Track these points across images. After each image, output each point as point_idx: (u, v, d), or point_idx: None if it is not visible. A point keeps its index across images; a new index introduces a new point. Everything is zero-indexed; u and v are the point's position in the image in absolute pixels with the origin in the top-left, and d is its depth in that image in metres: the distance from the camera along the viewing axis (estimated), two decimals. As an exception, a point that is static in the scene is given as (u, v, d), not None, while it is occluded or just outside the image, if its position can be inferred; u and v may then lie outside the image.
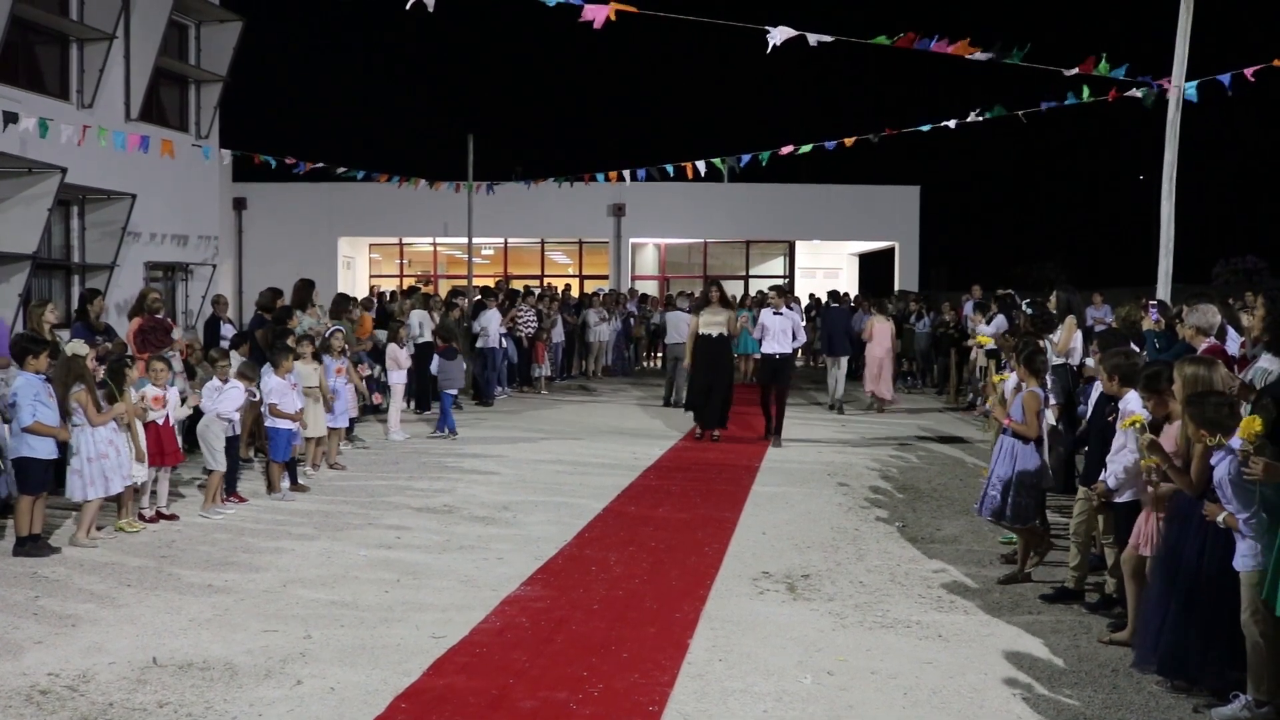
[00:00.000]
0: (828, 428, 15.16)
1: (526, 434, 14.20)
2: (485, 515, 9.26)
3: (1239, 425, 4.98)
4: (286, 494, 9.94)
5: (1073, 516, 7.03)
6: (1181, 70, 11.62)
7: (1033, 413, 7.26)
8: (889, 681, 5.51)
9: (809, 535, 8.66)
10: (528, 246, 32.73)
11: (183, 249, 21.46)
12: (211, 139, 21.82)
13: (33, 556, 7.66)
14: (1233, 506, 4.98)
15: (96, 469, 8.08)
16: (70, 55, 18.53)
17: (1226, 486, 4.99)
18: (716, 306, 14.00)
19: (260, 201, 30.37)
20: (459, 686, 5.36)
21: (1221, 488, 5.03)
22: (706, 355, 13.90)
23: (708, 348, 13.90)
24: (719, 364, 13.97)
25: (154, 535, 8.48)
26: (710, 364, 13.86)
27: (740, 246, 32.39)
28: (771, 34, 9.55)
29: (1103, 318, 18.32)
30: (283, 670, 5.56)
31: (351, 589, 7.03)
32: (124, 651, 5.81)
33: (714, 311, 13.95)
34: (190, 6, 20.84)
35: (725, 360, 14.17)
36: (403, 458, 12.20)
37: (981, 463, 11.31)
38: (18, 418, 7.82)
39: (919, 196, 31.11)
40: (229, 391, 9.40)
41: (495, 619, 6.44)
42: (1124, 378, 6.36)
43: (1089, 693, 5.37)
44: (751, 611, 6.66)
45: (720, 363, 13.99)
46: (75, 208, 18.92)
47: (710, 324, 13.87)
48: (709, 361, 13.86)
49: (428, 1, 7.52)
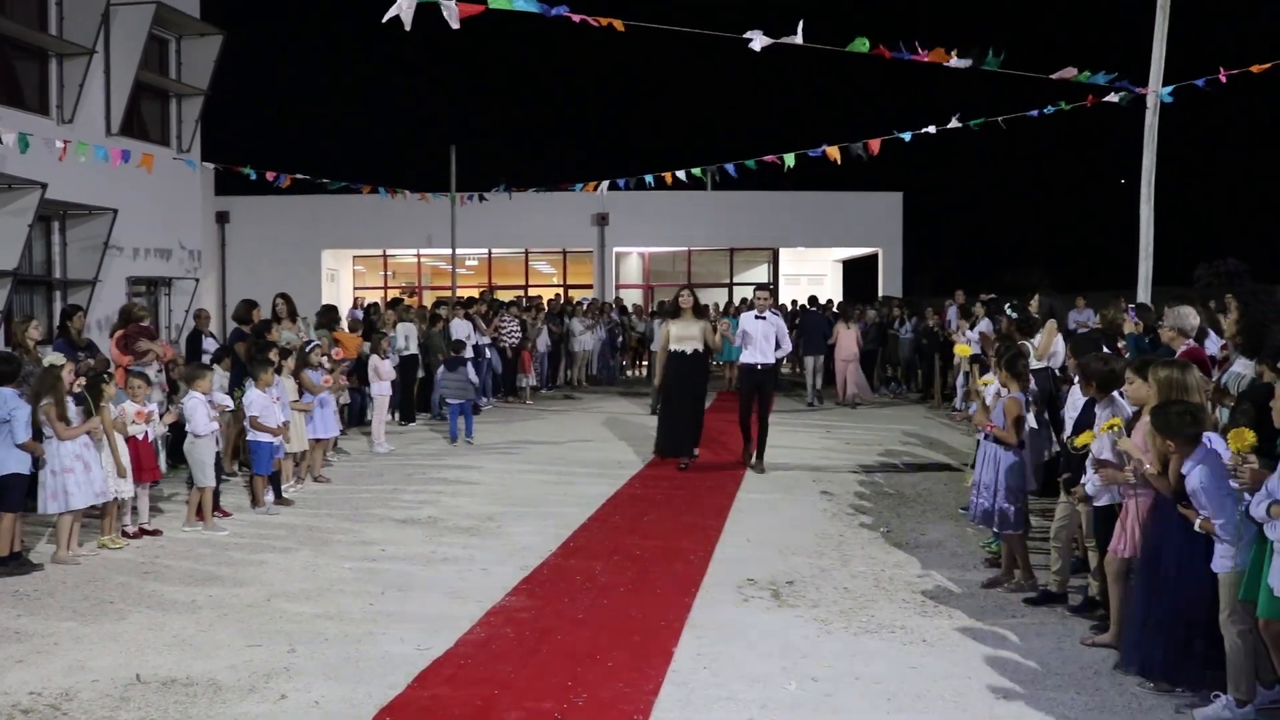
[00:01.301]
0: (812, 434, 15.17)
1: (512, 444, 14.18)
2: (470, 526, 9.25)
3: (1203, 432, 5.05)
4: (270, 507, 9.91)
5: (1054, 520, 7.06)
6: (1159, 75, 11.69)
7: (1013, 418, 7.29)
8: (873, 687, 5.52)
9: (794, 541, 8.67)
10: (512, 257, 32.75)
11: (165, 263, 21.39)
12: (193, 153, 21.78)
13: (15, 575, 7.62)
14: (1207, 512, 5.03)
15: (60, 483, 8.02)
16: (50, 70, 18.48)
17: (1200, 495, 5.05)
18: (689, 316, 12.02)
19: (243, 215, 30.33)
20: (444, 698, 5.35)
21: (1195, 496, 5.07)
22: (678, 377, 11.92)
23: (680, 367, 11.90)
24: (693, 387, 12.03)
25: (137, 551, 8.45)
26: (683, 387, 11.93)
27: (724, 254, 32.47)
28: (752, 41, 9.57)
29: (1085, 321, 18.40)
30: (267, 685, 5.54)
31: (336, 602, 7.02)
32: (106, 669, 5.79)
33: (686, 322, 11.98)
34: (171, 20, 20.79)
35: (700, 382, 12.18)
36: (387, 469, 12.18)
37: (966, 465, 11.36)
38: (10, 434, 7.79)
39: (902, 203, 31.25)
40: (187, 406, 9.30)
41: (480, 630, 6.43)
42: (1101, 382, 6.40)
43: (1071, 695, 5.40)
44: (736, 618, 6.66)
45: (694, 386, 12.04)
46: (56, 223, 18.84)
47: (683, 338, 11.90)
48: (681, 384, 11.93)
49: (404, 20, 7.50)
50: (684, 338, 11.87)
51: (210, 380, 9.46)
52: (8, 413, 7.75)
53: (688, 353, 11.87)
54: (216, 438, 9.40)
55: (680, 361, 11.89)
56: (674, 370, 11.94)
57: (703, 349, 11.95)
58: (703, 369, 12.17)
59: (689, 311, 12.05)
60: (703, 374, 12.24)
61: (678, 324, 11.99)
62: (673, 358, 11.92)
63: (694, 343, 11.87)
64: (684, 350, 11.87)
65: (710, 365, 13.01)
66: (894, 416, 17.35)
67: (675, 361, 11.90)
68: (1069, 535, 6.92)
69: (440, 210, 24.62)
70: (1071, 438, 6.56)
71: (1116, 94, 11.95)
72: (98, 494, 8.25)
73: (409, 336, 16.01)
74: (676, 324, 12.00)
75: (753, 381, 11.94)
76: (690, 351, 11.87)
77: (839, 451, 13.55)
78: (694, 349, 11.88)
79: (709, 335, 12.00)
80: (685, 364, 11.89)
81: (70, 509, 8.08)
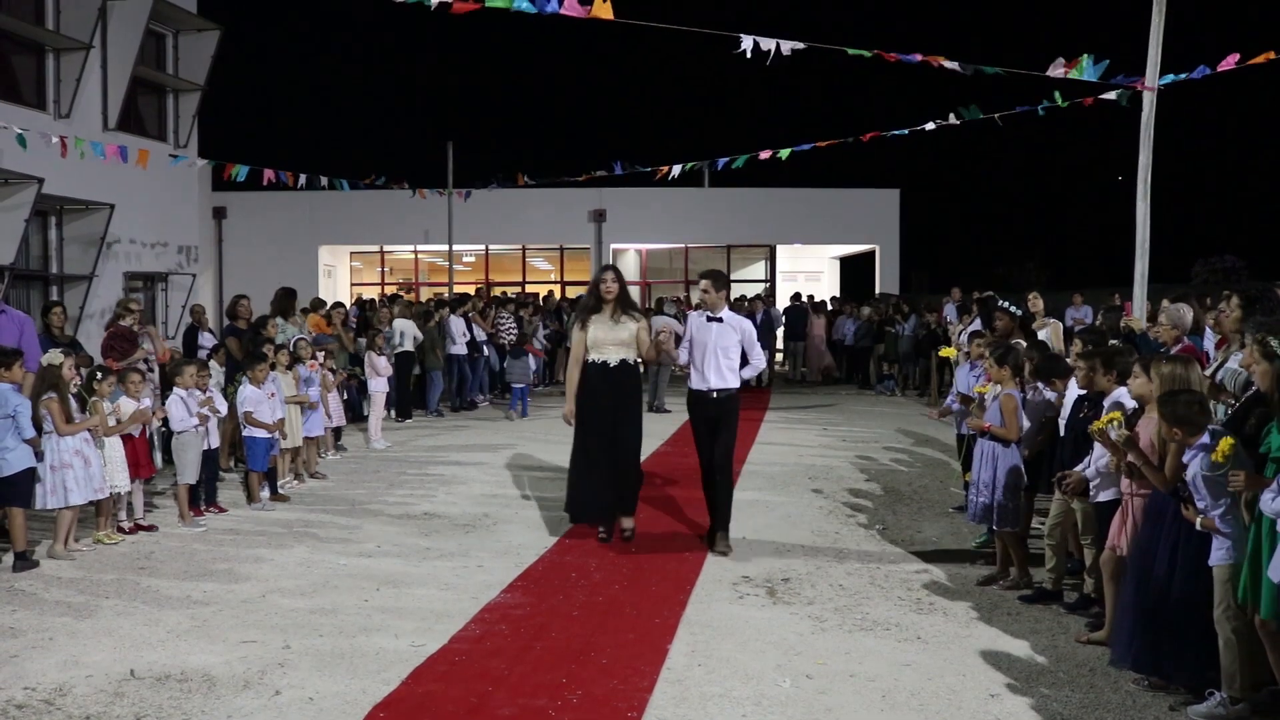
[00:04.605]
0: (808, 431, 15.18)
1: (507, 441, 14.18)
2: (465, 523, 9.25)
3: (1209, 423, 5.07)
4: (266, 504, 9.91)
5: (1048, 518, 7.07)
6: (1155, 71, 11.69)
7: (1011, 413, 7.30)
8: (868, 684, 5.53)
9: (789, 539, 8.68)
10: (509, 253, 32.74)
11: (162, 259, 21.41)
12: (190, 148, 21.79)
13: (28, 570, 7.62)
14: (1205, 503, 5.04)
15: (58, 478, 8.02)
16: (46, 65, 18.49)
17: (1200, 483, 5.05)
18: (615, 312, 8.29)
19: (240, 210, 30.33)
20: (438, 694, 5.35)
21: (1195, 484, 5.08)
22: (597, 399, 8.23)
23: (602, 384, 8.22)
24: (621, 413, 8.24)
25: (132, 546, 8.44)
26: (602, 419, 8.20)
27: (721, 251, 32.47)
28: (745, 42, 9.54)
29: (1083, 318, 18.42)
30: (261, 680, 5.54)
31: (331, 598, 7.01)
32: (101, 664, 5.78)
33: (611, 322, 8.26)
34: (168, 15, 20.80)
35: (632, 406, 8.37)
36: (383, 466, 12.18)
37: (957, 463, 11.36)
38: (17, 430, 7.78)
39: (899, 199, 31.28)
40: (168, 402, 9.28)
41: (475, 626, 6.43)
42: (1121, 372, 6.40)
43: (1066, 692, 5.40)
44: (731, 616, 6.66)
45: (623, 411, 8.26)
46: (53, 218, 18.86)
47: (605, 342, 8.23)
48: (600, 415, 8.21)
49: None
50: (608, 341, 8.26)
51: (190, 376, 9.33)
52: (11, 409, 7.75)
53: (612, 364, 8.23)
54: (205, 434, 9.34)
55: (602, 377, 8.23)
56: (594, 389, 8.25)
57: (635, 360, 8.38)
58: (634, 387, 8.45)
59: (614, 304, 8.32)
60: (634, 395, 8.46)
61: (599, 323, 8.30)
62: (593, 371, 8.28)
63: (623, 350, 8.27)
64: (606, 361, 8.24)
65: (643, 383, 9.11)
66: (891, 414, 17.36)
67: (596, 377, 8.25)
68: (1063, 533, 6.93)
69: (437, 206, 24.63)
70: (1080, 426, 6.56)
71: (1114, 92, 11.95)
72: (97, 490, 8.25)
73: (405, 333, 15.98)
74: (597, 323, 8.30)
75: (704, 416, 8.28)
76: (616, 363, 8.24)
77: (835, 449, 13.56)
78: (621, 359, 8.26)
79: (643, 341, 8.37)
80: (609, 380, 8.23)
81: (69, 504, 8.08)
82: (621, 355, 8.25)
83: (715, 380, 8.16)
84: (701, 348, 8.22)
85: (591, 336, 8.27)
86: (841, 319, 23.28)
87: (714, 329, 8.23)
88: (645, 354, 8.37)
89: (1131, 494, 5.84)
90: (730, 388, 8.21)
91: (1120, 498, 6.06)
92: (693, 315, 8.61)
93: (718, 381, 8.16)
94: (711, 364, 8.16)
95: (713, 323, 8.26)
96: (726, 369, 8.19)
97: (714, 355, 8.16)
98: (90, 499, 8.25)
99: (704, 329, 8.27)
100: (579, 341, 8.39)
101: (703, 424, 8.29)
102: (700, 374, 8.21)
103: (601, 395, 8.22)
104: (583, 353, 8.33)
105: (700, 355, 8.22)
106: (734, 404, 8.28)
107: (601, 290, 8.33)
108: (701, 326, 8.30)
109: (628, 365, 8.28)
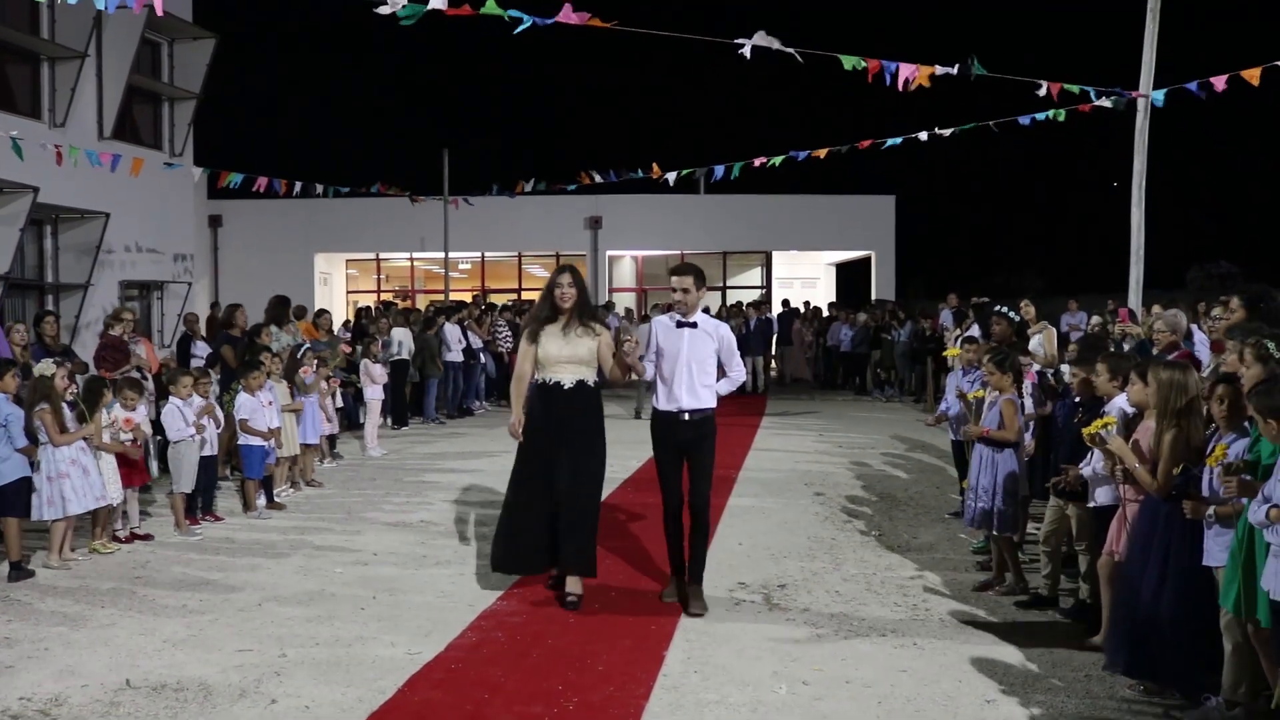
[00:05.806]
0: (804, 438, 15.19)
1: (504, 448, 14.14)
2: (462, 530, 9.25)
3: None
4: (262, 512, 9.90)
5: (1044, 524, 7.08)
6: (1149, 79, 11.74)
7: (1010, 416, 7.29)
8: (864, 690, 5.53)
9: (785, 545, 8.68)
10: (505, 260, 32.75)
11: (158, 267, 21.41)
12: (185, 156, 21.80)
13: (23, 580, 7.60)
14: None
15: (55, 489, 8.00)
16: (42, 74, 18.50)
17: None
18: (571, 324, 6.93)
19: (236, 218, 30.27)
20: (434, 702, 5.35)
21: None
22: (539, 428, 6.91)
23: (547, 410, 6.90)
24: (574, 447, 6.88)
25: (128, 556, 8.43)
26: (540, 452, 6.90)
27: (717, 258, 32.47)
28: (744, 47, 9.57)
29: (1078, 324, 18.45)
30: (258, 689, 5.54)
31: (328, 606, 7.01)
32: (97, 674, 5.77)
33: (566, 334, 6.89)
34: (163, 24, 20.80)
35: (589, 437, 6.97)
36: (379, 473, 12.17)
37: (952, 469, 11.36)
38: (9, 440, 7.78)
39: (894, 206, 31.32)
40: (164, 411, 9.28)
41: (471, 634, 6.43)
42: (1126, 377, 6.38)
43: (1062, 698, 5.41)
44: (727, 622, 6.67)
45: (577, 444, 6.89)
46: (48, 227, 18.86)
47: (557, 359, 6.87)
48: (539, 444, 6.90)
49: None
50: (559, 359, 6.89)
51: (187, 386, 9.33)
52: (3, 418, 7.74)
53: (566, 386, 6.91)
54: (202, 443, 9.32)
55: (552, 401, 6.91)
56: (543, 413, 6.93)
57: (594, 381, 7.06)
58: (594, 412, 7.06)
59: (570, 314, 6.96)
60: (591, 425, 7.03)
61: (551, 335, 6.92)
62: (542, 394, 6.95)
63: (580, 368, 6.93)
64: (560, 382, 6.91)
65: (602, 405, 7.24)
66: (887, 420, 17.37)
67: (546, 401, 6.92)
68: (1059, 539, 6.94)
69: (433, 213, 24.64)
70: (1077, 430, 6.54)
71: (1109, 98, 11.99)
72: (97, 498, 8.24)
73: (402, 342, 15.99)
74: (550, 335, 6.92)
75: (673, 443, 6.90)
76: (572, 385, 6.92)
77: (831, 454, 13.56)
78: (577, 380, 6.93)
79: (604, 357, 7.04)
80: (560, 404, 6.89)
81: (67, 515, 8.07)
82: (578, 375, 6.91)
83: (687, 399, 6.75)
84: (671, 359, 6.78)
85: (543, 352, 6.89)
86: (836, 325, 23.34)
87: (685, 336, 6.77)
88: (610, 375, 7.06)
89: (1128, 499, 5.84)
90: (706, 408, 6.80)
91: (1118, 503, 6.07)
92: (657, 320, 7.07)
93: (690, 401, 6.75)
94: (682, 379, 6.74)
95: (684, 329, 6.79)
96: (701, 385, 6.77)
97: (685, 369, 6.74)
98: (90, 508, 8.23)
99: (673, 336, 6.82)
100: (525, 355, 7.03)
101: (671, 453, 6.89)
102: (668, 391, 6.79)
103: (545, 424, 6.88)
104: (530, 370, 7.02)
105: (670, 369, 6.78)
106: (710, 427, 6.86)
107: (556, 296, 6.93)
108: (669, 333, 6.84)
109: (585, 388, 6.93)
